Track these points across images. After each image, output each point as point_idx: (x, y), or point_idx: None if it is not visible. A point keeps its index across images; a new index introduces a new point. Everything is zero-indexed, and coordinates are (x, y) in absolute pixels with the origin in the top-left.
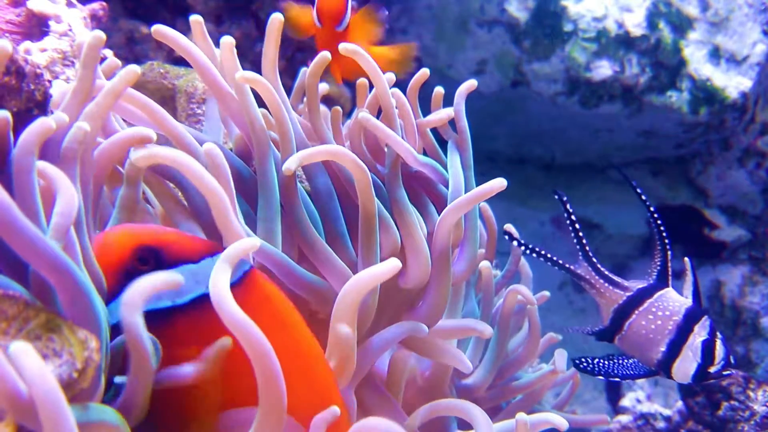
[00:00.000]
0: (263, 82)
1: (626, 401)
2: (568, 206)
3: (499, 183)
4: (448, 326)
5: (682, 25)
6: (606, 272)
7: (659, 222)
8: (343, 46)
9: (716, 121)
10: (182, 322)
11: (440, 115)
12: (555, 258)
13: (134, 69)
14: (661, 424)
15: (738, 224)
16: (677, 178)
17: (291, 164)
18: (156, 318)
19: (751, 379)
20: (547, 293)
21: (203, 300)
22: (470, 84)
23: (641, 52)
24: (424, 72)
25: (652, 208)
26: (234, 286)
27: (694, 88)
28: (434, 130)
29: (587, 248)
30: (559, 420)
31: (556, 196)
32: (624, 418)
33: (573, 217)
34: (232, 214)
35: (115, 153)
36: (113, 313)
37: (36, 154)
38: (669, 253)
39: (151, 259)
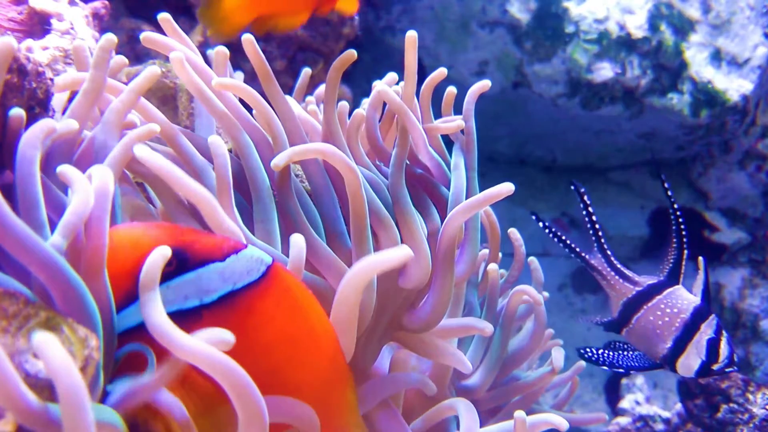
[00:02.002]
0: (242, 87)
1: (625, 403)
2: (585, 197)
3: (507, 187)
4: (449, 325)
5: (683, 27)
6: (618, 265)
7: (681, 220)
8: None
9: (717, 123)
10: (210, 320)
11: (451, 123)
12: (573, 245)
13: (155, 70)
14: (660, 426)
15: (738, 227)
16: (678, 180)
17: (279, 160)
18: (184, 317)
19: (750, 382)
20: (545, 294)
21: (230, 297)
22: (483, 85)
23: (643, 54)
24: (441, 72)
25: (675, 205)
26: (259, 281)
27: (695, 91)
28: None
29: (603, 240)
30: (559, 420)
31: (573, 187)
32: (623, 420)
33: (590, 209)
34: (222, 214)
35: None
36: (130, 317)
37: (40, 148)
38: (685, 252)
39: (174, 259)
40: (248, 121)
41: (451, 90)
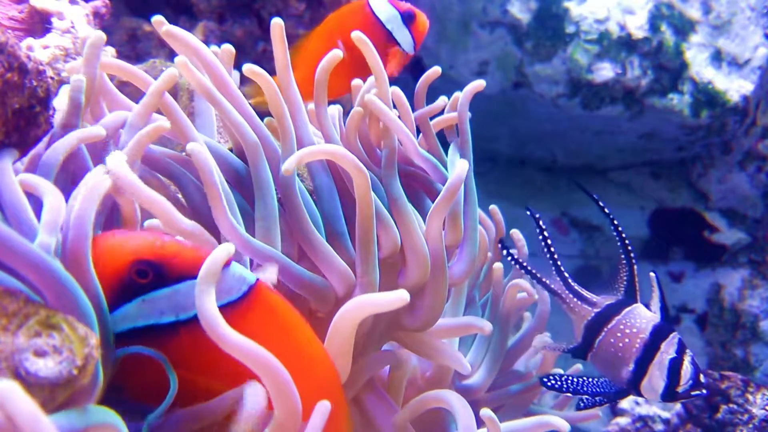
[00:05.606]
0: (266, 77)
1: (625, 403)
2: (540, 222)
3: (461, 166)
4: (449, 324)
5: (684, 27)
6: (576, 287)
7: (624, 236)
8: (356, 35)
9: (717, 124)
10: (188, 337)
11: (443, 117)
12: (535, 272)
13: (173, 72)
14: (659, 427)
15: (738, 227)
16: (678, 180)
17: (290, 165)
18: (160, 332)
19: (749, 383)
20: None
21: None
22: (477, 84)
23: (643, 54)
24: (435, 70)
25: (616, 222)
26: (240, 300)
27: (695, 91)
28: (439, 131)
29: (559, 263)
30: (560, 422)
31: (528, 212)
32: (622, 421)
33: (545, 233)
34: (176, 214)
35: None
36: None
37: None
38: (635, 267)
39: (150, 272)
40: (254, 119)
41: (456, 95)
